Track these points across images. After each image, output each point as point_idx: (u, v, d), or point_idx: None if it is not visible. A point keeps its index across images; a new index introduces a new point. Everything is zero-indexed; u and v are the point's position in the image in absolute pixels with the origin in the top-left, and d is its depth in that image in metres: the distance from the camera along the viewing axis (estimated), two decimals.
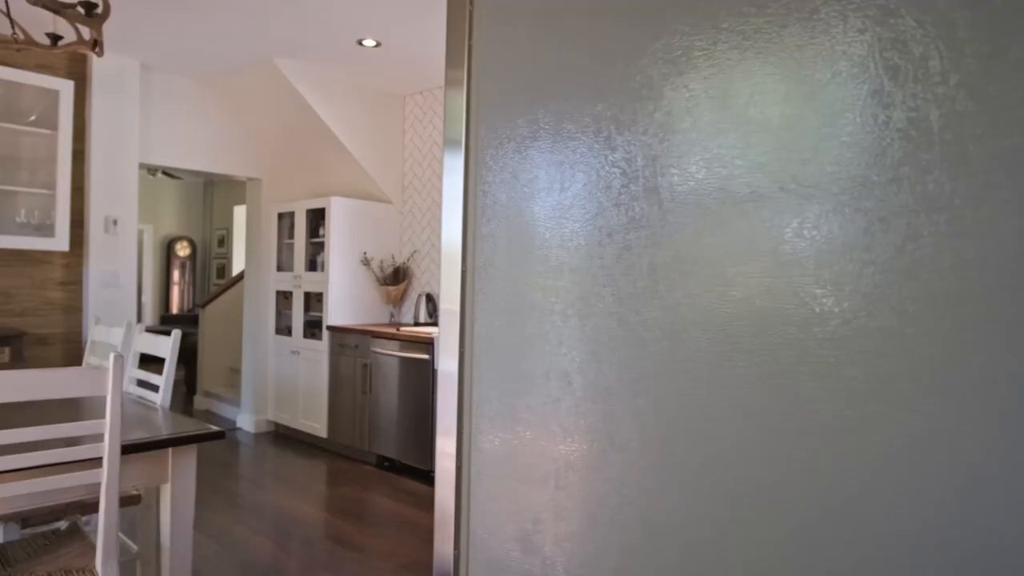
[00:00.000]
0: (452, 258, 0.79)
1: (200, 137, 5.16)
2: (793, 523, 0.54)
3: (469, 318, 0.77)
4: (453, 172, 0.80)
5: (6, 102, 4.19)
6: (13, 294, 4.33)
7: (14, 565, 1.87)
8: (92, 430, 1.77)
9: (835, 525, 0.51)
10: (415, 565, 3.03)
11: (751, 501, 0.56)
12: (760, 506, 0.55)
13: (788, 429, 0.53)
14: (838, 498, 0.51)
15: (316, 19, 3.90)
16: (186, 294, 10.42)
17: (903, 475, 0.49)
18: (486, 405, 0.75)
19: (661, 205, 0.61)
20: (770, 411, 0.54)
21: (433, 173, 5.18)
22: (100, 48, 2.77)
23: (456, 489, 0.76)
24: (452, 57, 0.79)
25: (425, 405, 4.20)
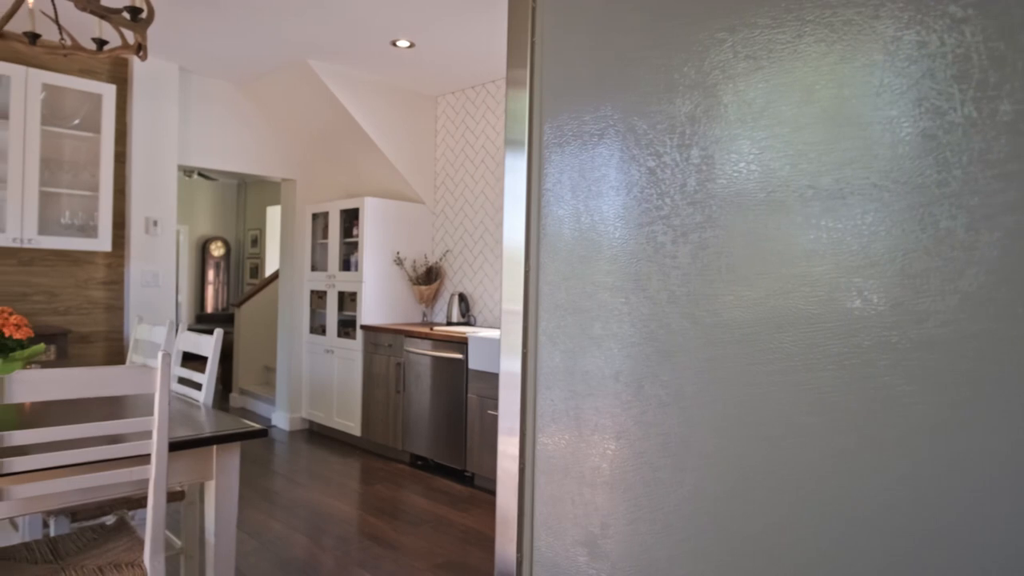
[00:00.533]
0: (514, 258, 0.79)
1: (236, 138, 5.23)
2: (893, 536, 0.52)
3: (532, 318, 0.76)
4: (515, 172, 0.79)
5: (51, 106, 4.30)
6: (57, 293, 4.44)
7: (65, 558, 1.92)
8: (140, 427, 1.80)
9: (944, 535, 0.49)
10: (451, 565, 3.03)
11: (842, 512, 0.54)
12: (855, 519, 0.53)
13: (884, 436, 0.51)
14: (946, 508, 0.49)
15: (350, 20, 3.93)
16: (220, 294, 10.58)
17: (1016, 483, 0.46)
18: (550, 406, 0.74)
19: (740, 202, 0.59)
20: (860, 416, 0.52)
21: (466, 173, 5.19)
22: (144, 52, 2.82)
23: (519, 491, 0.76)
24: (514, 57, 0.78)
25: (459, 404, 4.21)
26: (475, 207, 5.11)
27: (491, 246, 4.97)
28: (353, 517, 3.61)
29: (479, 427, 4.08)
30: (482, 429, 4.06)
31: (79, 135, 4.32)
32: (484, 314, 5.00)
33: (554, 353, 0.74)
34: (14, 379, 1.58)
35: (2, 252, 4.24)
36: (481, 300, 5.02)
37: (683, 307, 0.63)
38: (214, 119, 5.11)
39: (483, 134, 5.07)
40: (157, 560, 1.87)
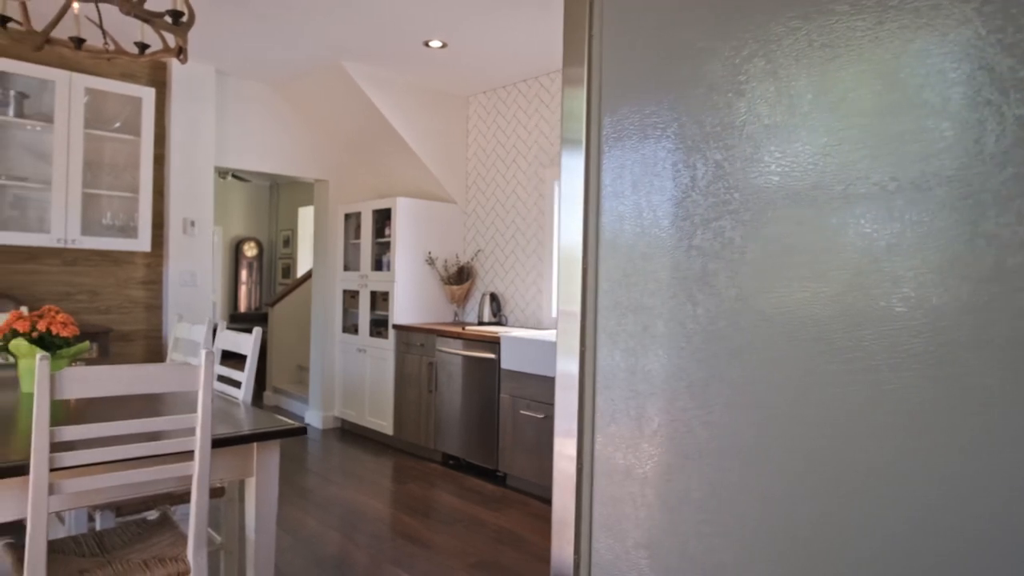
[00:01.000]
0: (571, 259, 0.77)
1: (271, 140, 5.30)
2: (992, 548, 0.50)
3: (590, 318, 0.75)
4: (571, 171, 0.78)
5: (93, 110, 4.40)
6: (99, 292, 4.54)
7: (111, 551, 1.95)
8: (184, 424, 1.83)
9: None
10: (485, 564, 3.03)
11: (928, 518, 0.52)
12: (943, 532, 0.51)
13: (975, 439, 0.48)
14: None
15: (383, 21, 3.95)
16: (253, 293, 10.72)
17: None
18: (610, 406, 0.73)
19: (815, 196, 0.57)
20: (946, 416, 0.49)
21: (497, 173, 5.19)
22: (184, 55, 2.86)
23: (576, 492, 0.74)
24: (571, 54, 0.77)
25: (491, 404, 4.21)
26: (507, 207, 5.10)
27: (522, 245, 4.96)
28: (386, 515, 3.63)
29: (512, 427, 4.07)
30: (515, 429, 4.05)
31: (120, 138, 4.41)
32: (516, 314, 4.99)
33: (614, 353, 0.73)
34: (65, 375, 1.62)
35: (47, 252, 4.35)
36: (512, 300, 5.02)
37: (752, 304, 0.61)
38: (249, 121, 5.18)
39: (514, 134, 5.06)
40: (200, 555, 1.90)
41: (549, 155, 4.79)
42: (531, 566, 3.02)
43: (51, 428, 1.58)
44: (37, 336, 2.45)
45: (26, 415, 2.11)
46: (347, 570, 2.95)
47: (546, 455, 3.85)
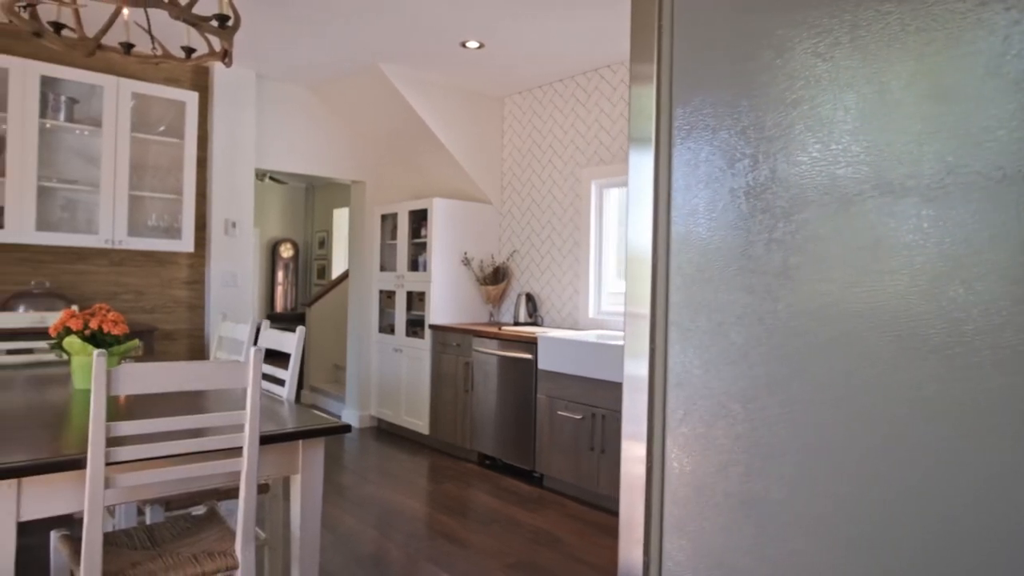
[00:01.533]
0: (640, 259, 0.76)
1: (309, 142, 5.37)
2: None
3: (660, 320, 0.73)
4: (640, 170, 0.76)
5: (139, 114, 4.50)
6: (144, 292, 4.65)
7: (161, 545, 1.99)
8: (232, 421, 1.85)
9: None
10: (523, 565, 3.02)
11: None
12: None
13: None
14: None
15: (421, 23, 3.97)
16: (289, 294, 10.87)
17: None
18: (682, 409, 0.71)
19: (912, 187, 0.55)
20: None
21: (532, 173, 5.18)
22: (229, 58, 2.91)
23: (646, 495, 0.73)
24: (639, 50, 0.76)
25: (528, 404, 4.20)
26: (542, 207, 5.09)
27: (558, 246, 4.94)
28: (424, 514, 3.64)
29: (549, 428, 4.05)
30: (552, 430, 4.03)
31: (164, 141, 4.51)
32: (552, 315, 4.97)
33: (687, 353, 0.71)
34: (121, 372, 1.65)
35: (96, 253, 4.46)
36: (548, 300, 5.00)
37: (839, 298, 0.59)
38: (288, 123, 5.26)
39: (550, 133, 5.05)
40: (248, 551, 1.92)
41: (585, 155, 4.77)
42: (569, 567, 3.00)
43: (107, 423, 1.62)
44: (89, 334, 2.51)
45: (79, 410, 2.16)
46: (386, 568, 2.96)
47: (584, 456, 3.83)
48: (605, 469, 3.70)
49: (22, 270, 4.20)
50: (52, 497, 1.69)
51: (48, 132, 4.18)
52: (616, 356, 3.61)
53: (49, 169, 4.18)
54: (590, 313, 4.68)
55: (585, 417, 3.81)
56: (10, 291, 4.16)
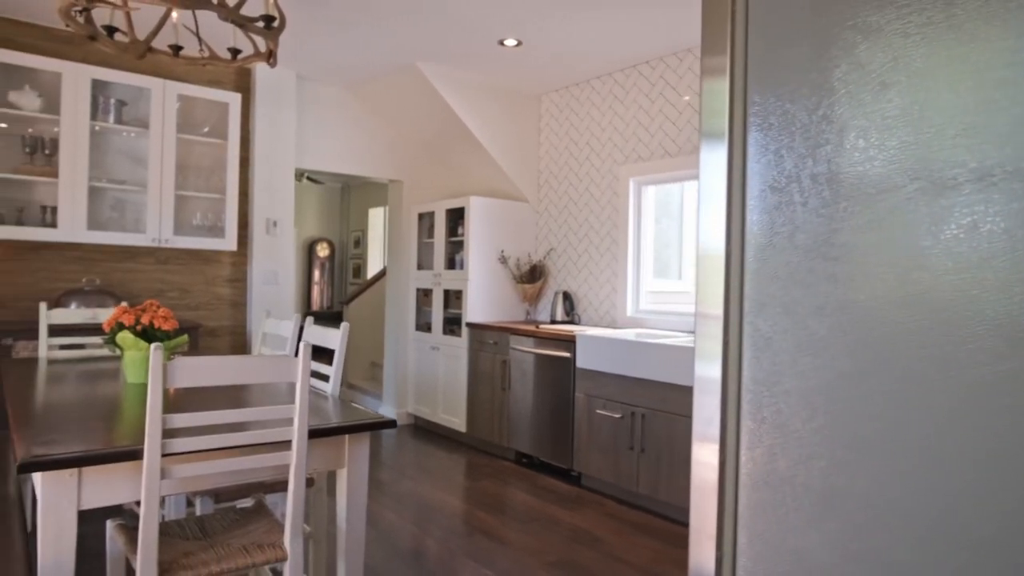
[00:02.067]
0: (712, 258, 0.74)
1: (348, 142, 5.43)
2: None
3: (734, 320, 0.72)
4: (712, 166, 0.75)
5: (184, 115, 4.61)
6: (189, 290, 4.75)
7: (212, 536, 2.03)
8: (280, 415, 1.88)
9: None
10: (563, 564, 3.01)
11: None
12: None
13: None
14: None
15: (459, 21, 3.98)
16: (325, 293, 11.01)
17: None
18: (757, 409, 0.70)
19: (1021, 173, 0.52)
20: None
21: (570, 171, 5.16)
22: (274, 59, 2.96)
23: (719, 498, 0.71)
24: (711, 43, 0.74)
25: (565, 403, 4.18)
26: (579, 205, 5.07)
27: (596, 244, 4.91)
28: (462, 511, 3.65)
29: (587, 427, 4.03)
30: (590, 429, 4.01)
31: (208, 141, 4.60)
32: (589, 313, 4.95)
33: (763, 356, 0.70)
34: (176, 365, 1.68)
35: (143, 251, 4.58)
36: (586, 299, 4.98)
37: (929, 292, 0.57)
38: (327, 124, 5.32)
39: (588, 131, 5.02)
40: (296, 543, 1.95)
41: (623, 152, 4.73)
42: (611, 567, 2.98)
43: (163, 415, 1.65)
44: (140, 329, 2.57)
45: (131, 404, 2.21)
46: (427, 563, 2.98)
47: (623, 456, 3.80)
48: (645, 469, 3.67)
49: (74, 268, 4.33)
50: (109, 487, 1.74)
51: (97, 134, 4.30)
52: (657, 355, 3.57)
53: (99, 170, 4.30)
54: (628, 312, 4.65)
55: (624, 416, 3.78)
56: (63, 288, 4.29)
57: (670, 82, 4.42)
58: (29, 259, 4.19)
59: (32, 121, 4.10)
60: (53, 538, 1.65)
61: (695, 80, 4.26)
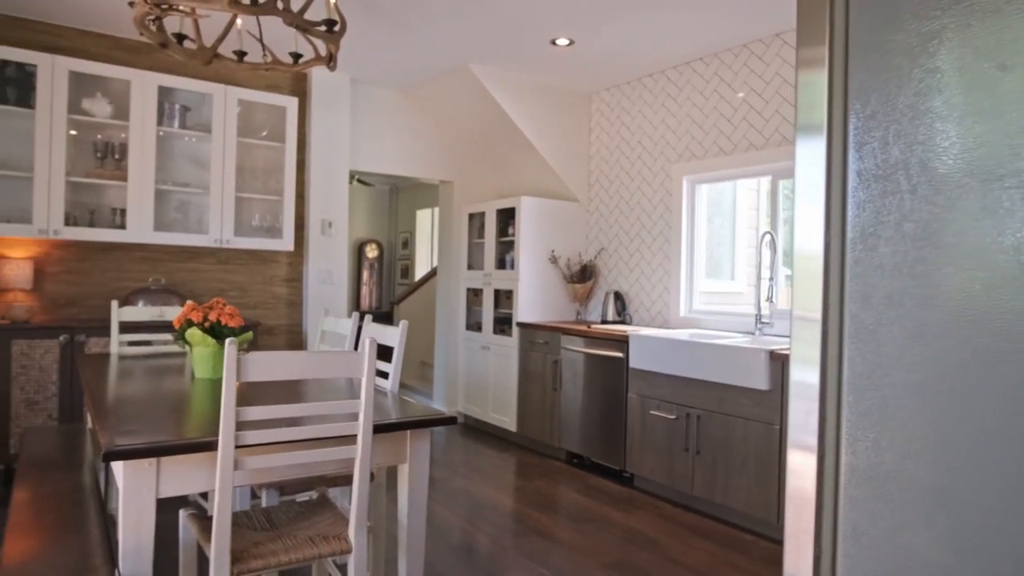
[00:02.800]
0: (809, 259, 0.72)
1: (399, 144, 5.51)
2: None
3: (834, 324, 0.70)
4: (810, 163, 0.73)
5: (244, 120, 4.74)
6: (248, 289, 4.89)
7: (279, 527, 2.08)
8: (344, 409, 1.91)
9: None
10: (619, 565, 2.99)
11: None
12: None
13: None
14: None
15: (512, 21, 4.00)
16: (373, 293, 11.16)
17: None
18: (861, 413, 0.68)
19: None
20: None
21: (621, 170, 5.12)
22: (334, 62, 3.02)
23: (816, 506, 0.70)
24: (808, 32, 0.73)
25: (618, 403, 4.15)
26: (631, 204, 5.03)
27: (648, 244, 4.87)
28: (515, 510, 3.66)
29: (640, 427, 3.99)
30: (643, 429, 3.97)
31: (267, 144, 4.73)
32: (640, 313, 4.90)
33: (866, 348, 0.68)
34: (249, 359, 1.73)
35: (205, 252, 4.72)
36: (637, 299, 4.93)
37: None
38: (380, 126, 5.41)
39: (639, 130, 4.98)
40: (361, 536, 1.98)
41: (676, 150, 4.68)
42: (667, 569, 2.95)
43: (237, 408, 1.70)
44: (208, 326, 2.65)
45: (199, 398, 2.29)
46: (482, 560, 2.99)
47: (678, 457, 3.75)
48: (700, 471, 3.61)
49: (141, 268, 4.50)
50: (184, 476, 1.80)
51: (162, 139, 4.46)
52: (714, 355, 3.52)
53: (164, 173, 4.46)
54: (681, 312, 4.59)
55: (679, 417, 3.73)
56: (131, 287, 4.46)
57: (725, 79, 4.35)
58: (99, 259, 4.38)
59: (102, 127, 4.27)
60: (134, 524, 1.72)
61: (750, 76, 4.18)
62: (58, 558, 1.83)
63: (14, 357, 3.79)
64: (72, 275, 4.29)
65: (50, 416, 3.88)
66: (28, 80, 3.99)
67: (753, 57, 4.17)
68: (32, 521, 2.10)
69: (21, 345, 3.80)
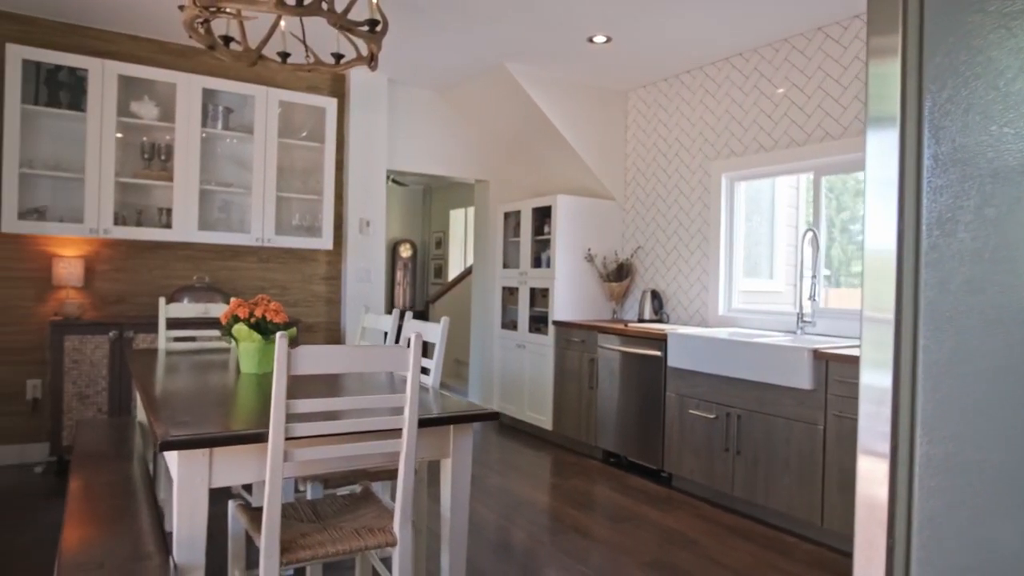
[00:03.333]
0: (881, 258, 0.71)
1: (436, 143, 5.54)
2: None
3: (907, 325, 0.69)
4: (881, 155, 0.72)
5: (285, 121, 4.82)
6: (288, 287, 4.97)
7: (325, 519, 2.11)
8: (388, 403, 1.93)
9: None
10: (660, 564, 2.96)
11: None
12: None
13: None
14: None
15: (548, 19, 3.99)
16: (407, 292, 11.25)
17: None
18: (936, 394, 0.67)
19: None
20: None
21: (658, 167, 5.08)
22: (375, 62, 3.05)
23: (888, 515, 0.68)
24: (879, 19, 0.71)
25: (656, 402, 4.12)
26: (668, 202, 4.98)
27: (686, 242, 4.82)
28: (552, 508, 3.66)
29: (679, 427, 3.96)
30: (682, 429, 3.94)
31: (306, 145, 4.80)
32: (678, 312, 4.86)
33: (944, 336, 0.66)
34: (299, 352, 1.76)
35: (247, 250, 4.82)
36: (675, 297, 4.89)
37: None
38: (417, 126, 5.45)
39: (677, 127, 4.93)
40: (405, 529, 2.00)
41: (715, 147, 4.62)
42: (708, 569, 2.92)
43: (287, 400, 1.73)
44: (254, 321, 2.71)
45: (246, 392, 2.33)
46: (521, 556, 3.00)
47: (718, 457, 3.70)
48: (741, 471, 3.56)
49: (185, 266, 4.60)
50: (234, 467, 1.83)
51: (206, 140, 4.56)
52: (755, 354, 3.47)
53: (208, 174, 4.56)
54: (720, 311, 4.53)
55: (719, 417, 3.69)
56: (176, 285, 4.57)
57: (765, 74, 4.28)
58: (146, 258, 4.49)
59: (148, 129, 4.39)
60: (188, 513, 1.76)
61: (791, 71, 4.11)
62: (114, 546, 1.88)
63: (66, 352, 3.91)
64: (120, 273, 4.42)
65: (100, 409, 4.00)
66: (80, 84, 4.11)
67: (794, 52, 4.10)
68: (88, 511, 2.16)
69: (73, 341, 3.93)
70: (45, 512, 3.38)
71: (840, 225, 4.00)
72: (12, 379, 4.13)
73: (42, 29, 4.15)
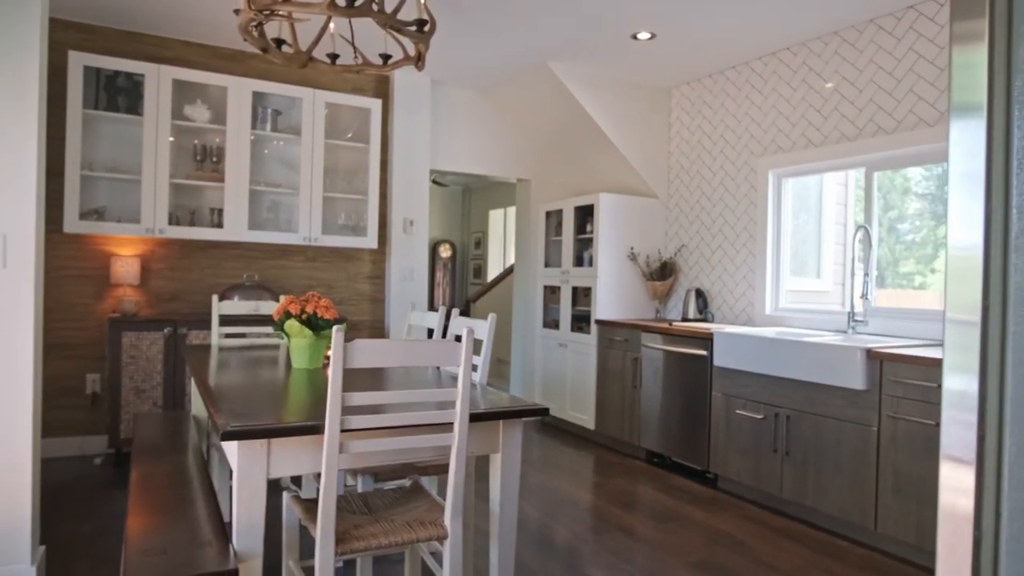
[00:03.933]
0: (967, 256, 0.69)
1: (478, 143, 5.58)
2: None
3: (995, 328, 0.67)
4: (965, 145, 0.70)
5: (331, 122, 4.90)
6: (333, 285, 5.05)
7: (376, 512, 2.14)
8: (445, 397, 1.95)
9: None
10: (707, 565, 2.93)
11: None
12: None
13: None
14: None
15: (592, 17, 3.98)
16: (447, 292, 11.33)
17: None
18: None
19: None
20: None
21: (702, 165, 5.02)
22: (422, 62, 3.08)
23: (976, 495, 0.67)
24: (964, 5, 0.69)
25: (701, 402, 4.07)
26: (712, 200, 4.92)
27: (731, 240, 4.75)
28: (596, 507, 3.64)
29: (725, 427, 3.90)
30: (728, 429, 3.88)
31: (352, 146, 4.88)
32: (723, 311, 4.79)
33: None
34: (355, 346, 1.80)
35: (294, 249, 4.92)
36: (720, 296, 4.82)
37: None
38: (459, 126, 5.49)
39: (721, 123, 4.87)
40: (456, 523, 2.02)
41: (762, 143, 4.55)
42: (757, 571, 2.87)
43: (343, 393, 1.77)
44: (305, 318, 2.76)
45: (298, 386, 2.38)
46: (566, 554, 2.99)
47: (765, 458, 3.64)
48: (790, 472, 3.50)
49: (235, 265, 4.72)
50: (291, 458, 1.88)
51: (255, 142, 4.66)
52: (804, 353, 3.40)
53: (257, 175, 4.67)
54: (767, 310, 4.46)
55: (767, 417, 3.63)
56: (226, 283, 4.69)
57: (814, 68, 4.20)
58: (198, 257, 4.62)
59: (200, 132, 4.51)
60: (247, 502, 1.81)
61: (842, 64, 4.02)
62: (176, 533, 1.94)
63: (124, 348, 4.05)
64: (174, 271, 4.55)
65: (155, 403, 4.13)
66: (136, 89, 4.25)
67: (845, 44, 4.01)
68: (149, 500, 2.24)
69: (130, 337, 4.06)
70: (104, 502, 3.50)
71: (888, 224, 3.90)
72: (73, 374, 4.29)
73: (102, 36, 4.31)
